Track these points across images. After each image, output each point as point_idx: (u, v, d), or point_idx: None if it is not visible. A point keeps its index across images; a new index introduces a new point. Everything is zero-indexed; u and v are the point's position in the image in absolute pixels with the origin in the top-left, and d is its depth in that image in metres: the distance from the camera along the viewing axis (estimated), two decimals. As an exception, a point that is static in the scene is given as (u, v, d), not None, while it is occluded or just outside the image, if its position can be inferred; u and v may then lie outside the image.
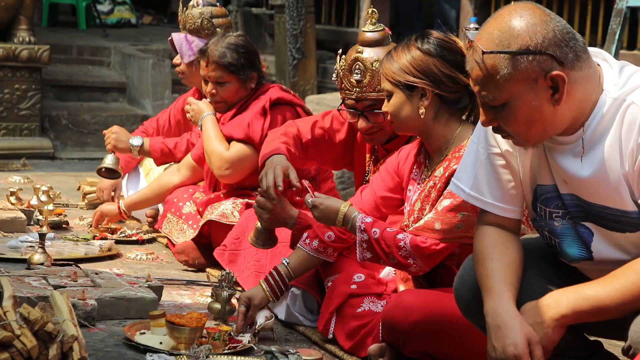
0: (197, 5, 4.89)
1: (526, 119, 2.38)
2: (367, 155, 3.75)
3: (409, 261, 3.05)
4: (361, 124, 3.55)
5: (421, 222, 3.07)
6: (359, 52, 3.53)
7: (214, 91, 4.39)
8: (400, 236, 3.09)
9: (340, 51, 3.61)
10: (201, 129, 4.48)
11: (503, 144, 2.57)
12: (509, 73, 2.34)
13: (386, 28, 3.60)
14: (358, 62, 3.52)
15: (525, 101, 2.36)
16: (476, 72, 2.38)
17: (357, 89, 3.51)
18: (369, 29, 3.57)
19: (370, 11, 3.57)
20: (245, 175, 4.31)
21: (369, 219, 3.16)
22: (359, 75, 3.51)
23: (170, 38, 4.98)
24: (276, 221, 3.50)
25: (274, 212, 3.46)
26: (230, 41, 4.35)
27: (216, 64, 4.32)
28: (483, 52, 2.35)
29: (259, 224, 3.53)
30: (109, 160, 4.84)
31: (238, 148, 4.31)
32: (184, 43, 4.86)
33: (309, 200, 3.24)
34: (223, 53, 4.32)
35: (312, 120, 3.78)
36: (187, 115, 4.61)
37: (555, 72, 2.33)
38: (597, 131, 2.39)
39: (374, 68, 3.47)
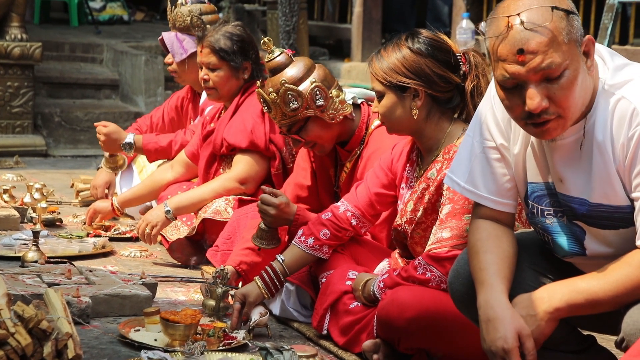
0: (186, 3, 4.90)
1: (578, 90, 2.33)
2: (332, 170, 3.83)
3: (427, 275, 3.03)
4: (295, 145, 3.74)
5: (431, 238, 3.07)
6: (259, 87, 3.71)
7: (206, 77, 4.41)
8: (415, 260, 3.10)
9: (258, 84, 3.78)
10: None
11: (498, 137, 2.57)
12: (567, 33, 2.30)
13: (285, 50, 3.71)
14: (260, 97, 3.69)
15: (577, 67, 2.32)
16: (537, 40, 2.29)
17: (275, 119, 3.70)
18: (269, 58, 3.69)
19: (263, 41, 3.69)
20: (260, 182, 4.31)
21: (383, 277, 3.15)
22: (267, 109, 3.70)
23: (160, 37, 4.98)
24: (279, 219, 3.51)
25: (278, 209, 3.47)
26: (227, 29, 4.40)
27: (209, 48, 4.37)
28: (553, 8, 2.29)
29: (262, 224, 3.53)
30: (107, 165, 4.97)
31: (244, 162, 4.31)
32: (175, 42, 4.86)
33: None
34: (217, 39, 4.37)
35: (294, 195, 3.90)
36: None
37: (587, 36, 2.33)
38: (595, 125, 2.39)
39: (271, 98, 3.62)
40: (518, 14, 2.30)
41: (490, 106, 2.59)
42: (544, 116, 2.34)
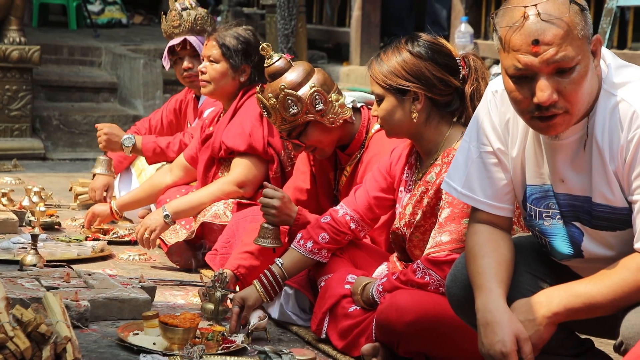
0: (193, 7, 4.93)
1: (586, 87, 2.34)
2: (331, 174, 3.84)
3: (425, 279, 3.03)
4: (295, 149, 3.76)
5: (430, 242, 3.07)
6: (258, 92, 3.72)
7: (204, 69, 4.45)
8: (414, 263, 3.10)
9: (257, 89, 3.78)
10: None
11: (495, 141, 2.57)
12: (582, 28, 2.32)
13: (284, 55, 3.72)
14: (260, 103, 3.70)
15: (587, 64, 2.33)
16: (553, 31, 2.29)
17: (274, 124, 3.71)
18: (267, 63, 3.70)
19: (262, 46, 3.71)
20: (259, 185, 4.30)
21: (382, 280, 3.15)
22: (266, 114, 3.71)
23: (174, 43, 4.90)
24: (282, 215, 3.51)
25: (282, 202, 3.47)
26: (237, 30, 4.47)
27: (215, 41, 4.42)
28: (571, 2, 2.30)
29: (264, 223, 3.54)
30: (99, 168, 4.89)
31: (243, 165, 4.32)
32: (201, 45, 4.87)
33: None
34: (224, 36, 4.43)
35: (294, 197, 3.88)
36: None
37: (595, 35, 2.33)
38: (595, 126, 2.39)
39: (271, 103, 3.63)
40: (535, 5, 2.30)
41: (487, 111, 2.59)
42: (552, 110, 2.33)
